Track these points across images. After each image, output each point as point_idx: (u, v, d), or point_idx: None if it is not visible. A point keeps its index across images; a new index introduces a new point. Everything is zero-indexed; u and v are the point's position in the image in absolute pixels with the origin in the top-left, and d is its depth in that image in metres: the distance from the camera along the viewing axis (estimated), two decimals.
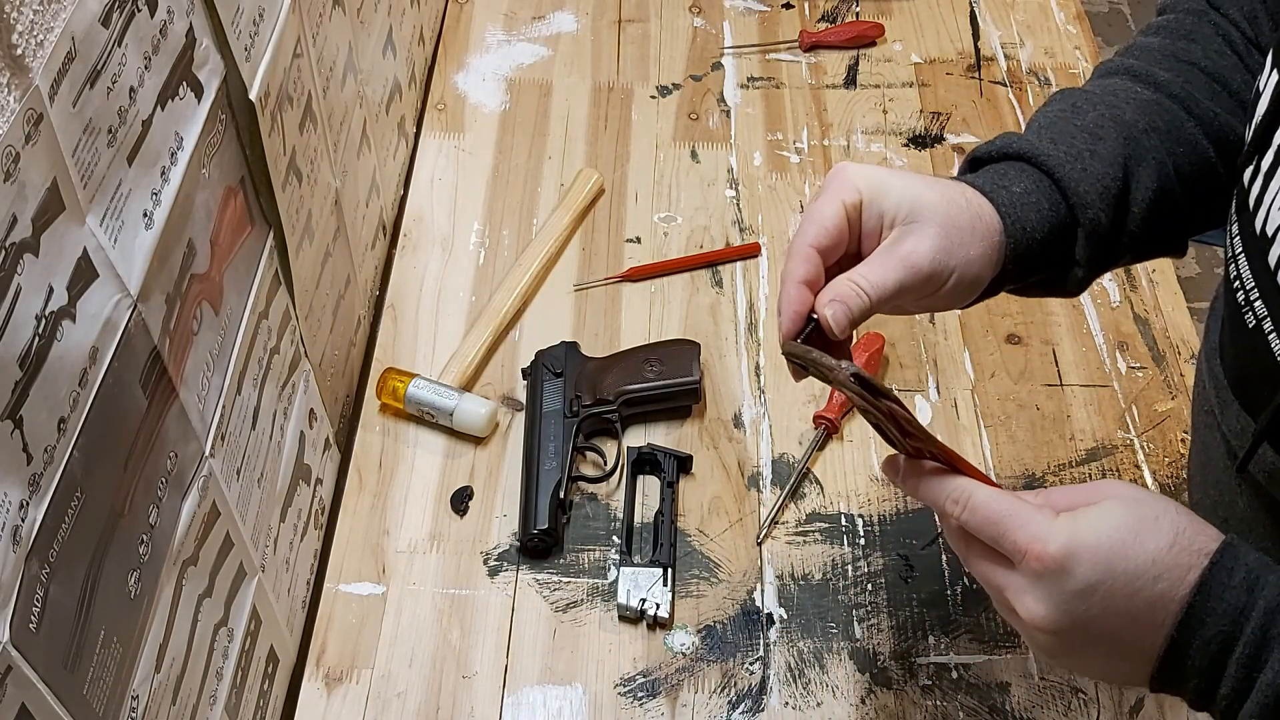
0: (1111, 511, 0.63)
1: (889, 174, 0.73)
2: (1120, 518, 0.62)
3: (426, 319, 1.17)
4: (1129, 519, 0.62)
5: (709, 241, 1.24)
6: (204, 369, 0.77)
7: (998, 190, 0.74)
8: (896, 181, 0.72)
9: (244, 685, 0.87)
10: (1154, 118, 0.77)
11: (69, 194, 0.58)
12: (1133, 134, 0.76)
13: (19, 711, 0.55)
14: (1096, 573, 0.61)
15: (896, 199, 0.71)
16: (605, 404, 1.07)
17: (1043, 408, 1.11)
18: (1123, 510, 0.63)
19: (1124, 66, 0.81)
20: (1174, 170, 0.77)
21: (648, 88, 1.38)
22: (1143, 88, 0.79)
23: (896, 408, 0.68)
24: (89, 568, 0.61)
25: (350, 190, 1.09)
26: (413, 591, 0.99)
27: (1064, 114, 0.78)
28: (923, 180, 0.73)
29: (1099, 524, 0.62)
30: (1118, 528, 0.62)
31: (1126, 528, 0.62)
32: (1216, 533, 0.63)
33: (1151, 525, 0.62)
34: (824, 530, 1.03)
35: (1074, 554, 0.61)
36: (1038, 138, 0.76)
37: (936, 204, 0.71)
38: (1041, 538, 0.62)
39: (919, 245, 0.70)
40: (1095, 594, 0.61)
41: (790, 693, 0.94)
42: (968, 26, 1.46)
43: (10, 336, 0.54)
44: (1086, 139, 0.75)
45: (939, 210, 0.71)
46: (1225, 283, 0.73)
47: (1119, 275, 1.21)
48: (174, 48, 0.70)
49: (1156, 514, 0.62)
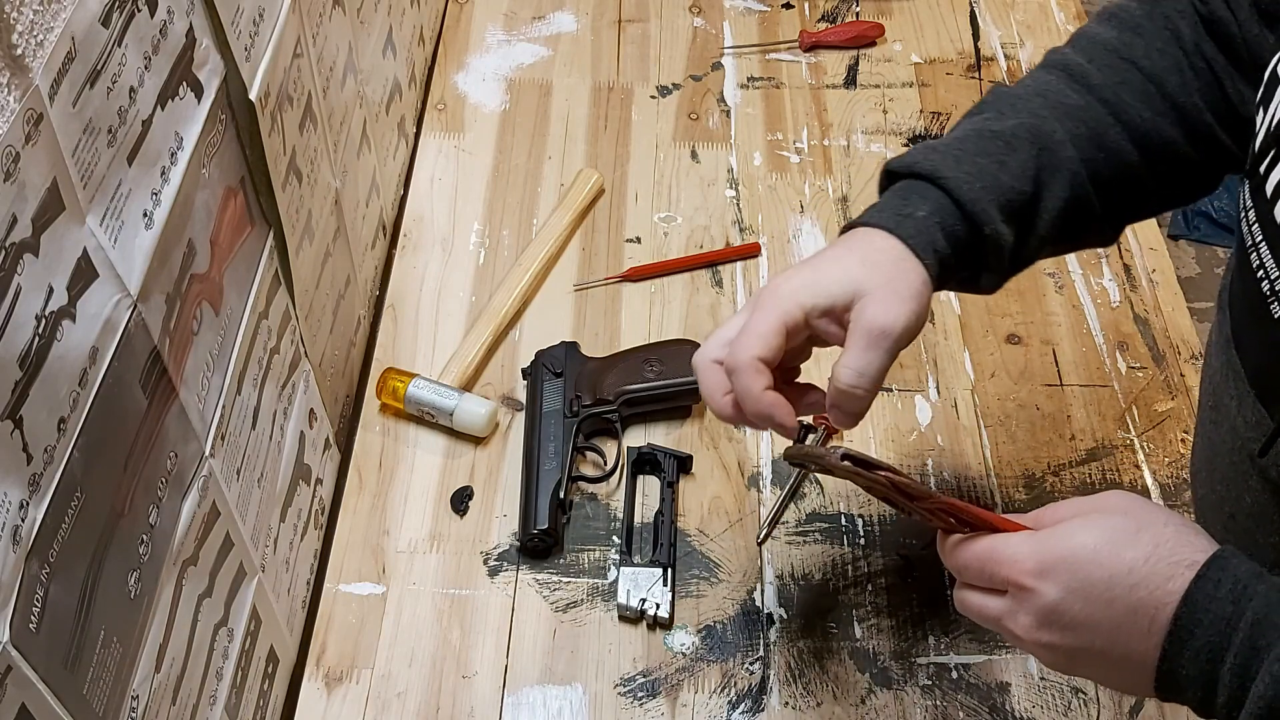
0: (1090, 524, 0.65)
1: (814, 273, 0.77)
2: (1097, 529, 0.64)
3: (426, 319, 1.17)
4: (1106, 530, 0.64)
5: (709, 241, 1.24)
6: (204, 369, 0.77)
7: (902, 222, 0.78)
8: (826, 274, 0.77)
9: (244, 685, 0.87)
10: (1077, 124, 0.80)
11: (69, 194, 0.58)
12: (1049, 144, 0.79)
13: (19, 711, 0.55)
14: (1071, 581, 0.63)
15: (835, 292, 0.76)
16: (605, 404, 1.07)
17: (1043, 408, 1.11)
18: (1103, 522, 0.64)
19: (1063, 62, 0.84)
20: (1091, 176, 0.80)
21: (648, 88, 1.38)
22: (1074, 90, 0.82)
23: (894, 476, 0.71)
24: (89, 568, 0.61)
25: (350, 190, 1.09)
26: (413, 591, 0.99)
27: (984, 121, 0.82)
28: (839, 261, 0.77)
29: (1072, 536, 0.64)
30: (1092, 538, 0.64)
31: (1102, 538, 0.63)
32: (1208, 544, 0.64)
33: (1131, 537, 0.63)
34: (824, 530, 1.03)
35: (1047, 568, 0.64)
36: (944, 156, 0.79)
37: (868, 275, 0.76)
38: (1018, 560, 0.65)
39: (877, 314, 0.75)
40: (1073, 603, 0.63)
41: (790, 693, 0.94)
42: (968, 26, 1.46)
43: (10, 336, 0.54)
44: (999, 148, 0.79)
45: (872, 279, 0.76)
46: (1240, 274, 0.73)
47: (1119, 275, 1.21)
48: (174, 48, 0.70)
49: (1140, 525, 0.64)
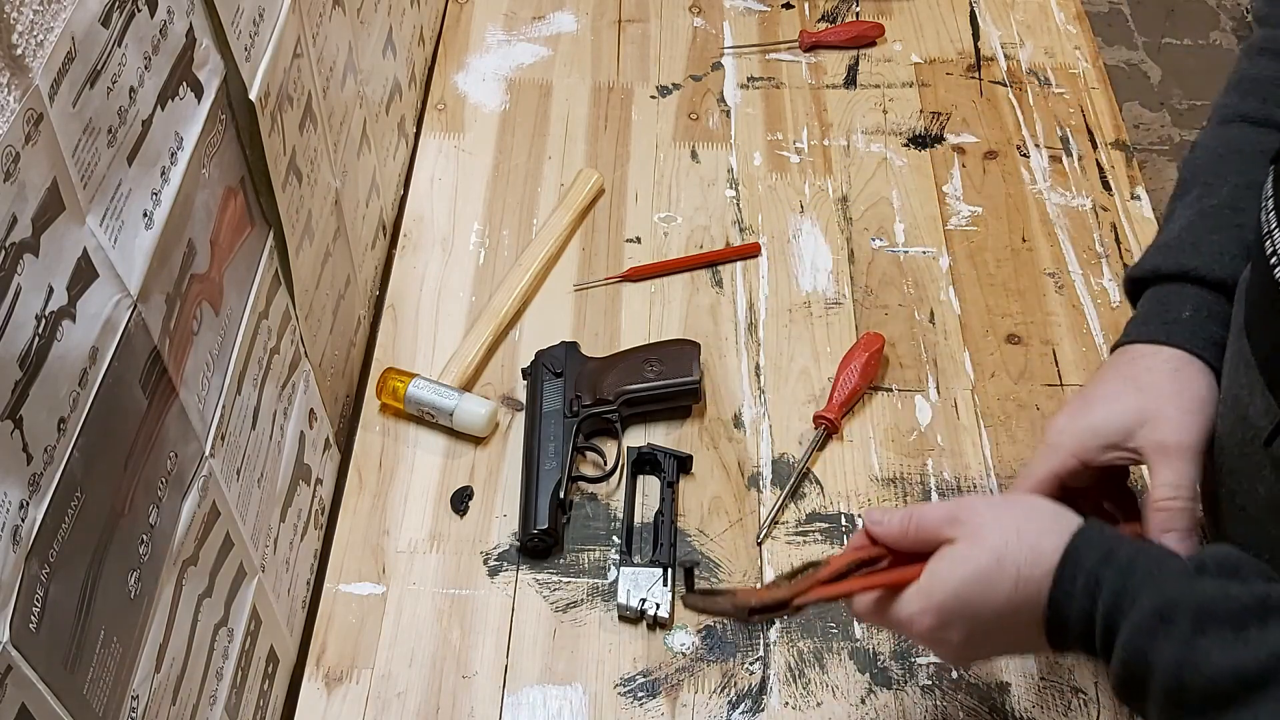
0: (958, 568, 0.71)
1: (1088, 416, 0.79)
2: (968, 569, 0.71)
3: (426, 319, 1.17)
4: (977, 569, 0.70)
5: (709, 241, 1.24)
6: (204, 369, 0.77)
7: (1171, 330, 0.80)
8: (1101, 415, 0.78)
9: (244, 685, 0.87)
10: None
11: (69, 194, 0.58)
12: None
13: (19, 711, 0.55)
14: (965, 625, 0.71)
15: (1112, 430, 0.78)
16: (605, 404, 1.07)
17: (1043, 408, 1.11)
18: (968, 565, 0.71)
19: (1239, 112, 0.84)
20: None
21: (648, 88, 1.38)
22: (1262, 133, 0.82)
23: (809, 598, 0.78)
24: (89, 568, 0.61)
25: (350, 190, 1.09)
26: (413, 591, 0.99)
27: (1199, 201, 0.82)
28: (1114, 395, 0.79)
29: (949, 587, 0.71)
30: (967, 587, 0.70)
31: (977, 576, 0.70)
32: (1057, 540, 0.69)
33: (996, 570, 0.69)
34: (824, 530, 1.03)
35: (943, 623, 0.72)
36: (1181, 250, 0.81)
37: (1145, 402, 0.77)
38: (916, 622, 0.73)
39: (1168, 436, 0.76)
40: (971, 639, 0.72)
41: (790, 693, 0.94)
42: (968, 26, 1.46)
43: (10, 336, 0.54)
44: (1228, 217, 0.80)
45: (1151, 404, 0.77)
46: (1254, 262, 0.74)
47: (1119, 275, 1.21)
48: (174, 48, 0.70)
49: (999, 556, 0.69)
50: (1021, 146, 1.32)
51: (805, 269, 1.21)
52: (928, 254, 1.22)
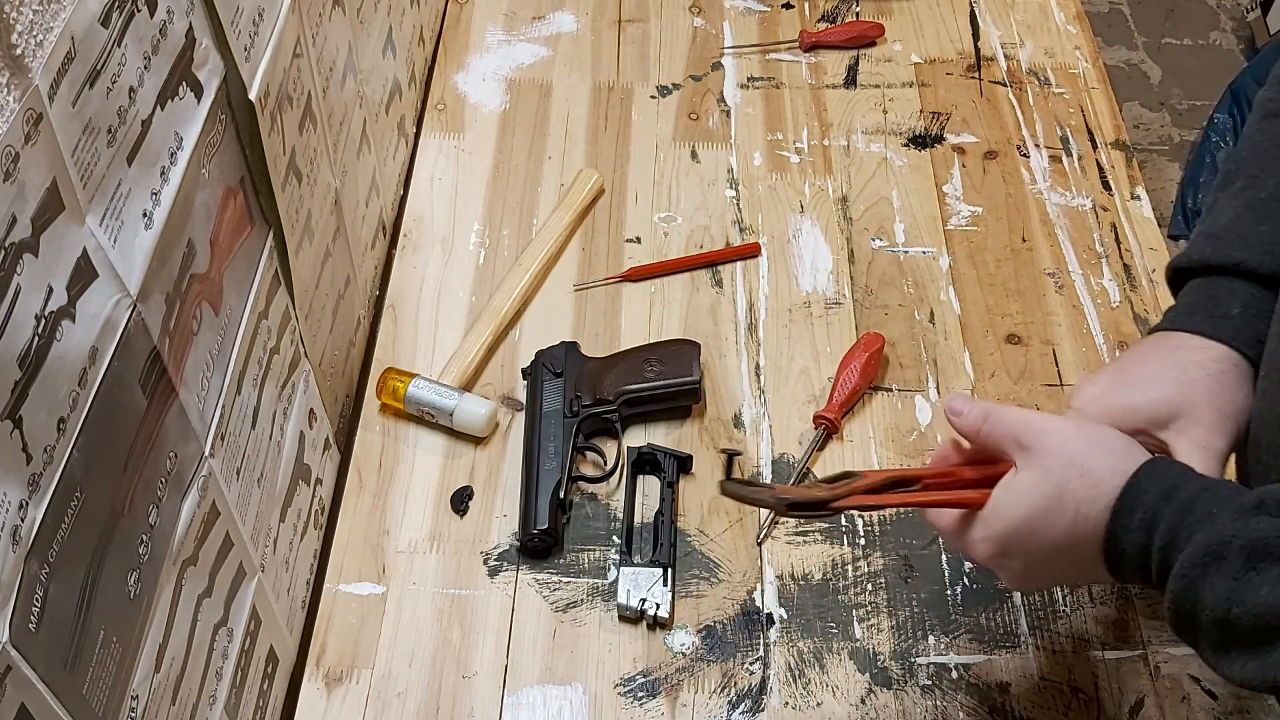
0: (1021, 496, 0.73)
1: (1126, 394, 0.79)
2: (1028, 503, 0.72)
3: (426, 319, 1.17)
4: (1036, 503, 0.72)
5: (709, 241, 1.24)
6: (204, 369, 0.77)
7: (1219, 324, 0.79)
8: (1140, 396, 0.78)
9: (244, 685, 0.87)
10: None
11: (69, 194, 0.58)
12: None
13: (19, 711, 0.55)
14: (1024, 555, 0.74)
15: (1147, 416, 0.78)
16: (605, 404, 1.07)
17: (1043, 408, 1.11)
18: (1024, 500, 0.73)
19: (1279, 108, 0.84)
20: None
21: (648, 88, 1.38)
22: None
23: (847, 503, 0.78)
24: (89, 568, 0.61)
25: (350, 190, 1.09)
26: (413, 591, 0.99)
27: (1243, 193, 0.82)
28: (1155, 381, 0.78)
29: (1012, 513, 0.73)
30: (1028, 515, 0.72)
31: (1036, 512, 0.72)
32: (1120, 475, 0.70)
33: (1056, 505, 0.71)
34: (824, 530, 1.03)
35: (1003, 551, 0.74)
36: (1229, 242, 0.80)
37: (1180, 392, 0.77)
38: (978, 547, 0.76)
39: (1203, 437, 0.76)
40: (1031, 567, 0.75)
41: (790, 693, 0.94)
42: (968, 26, 1.46)
43: (10, 336, 0.54)
44: (1275, 208, 0.80)
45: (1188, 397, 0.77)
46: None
47: (1119, 275, 1.21)
48: (174, 48, 0.70)
49: (1060, 490, 0.71)
50: (1021, 146, 1.32)
51: (805, 269, 1.21)
52: (928, 254, 1.22)
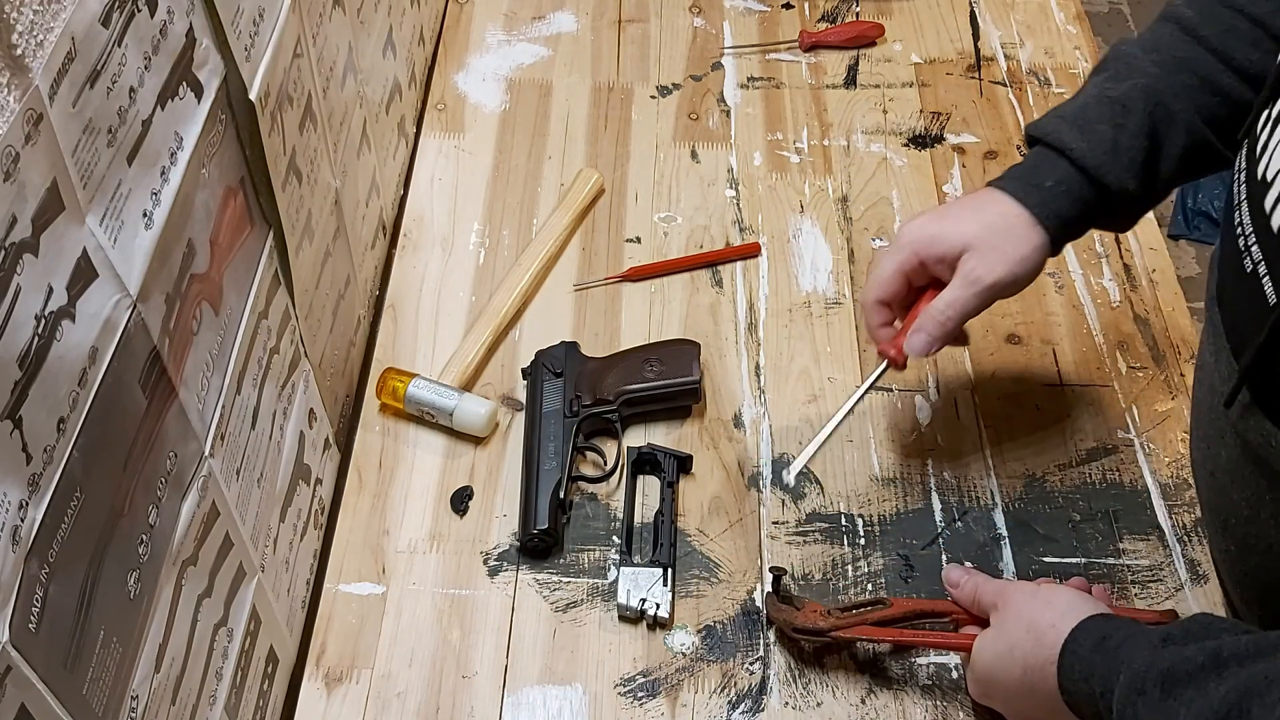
0: (983, 648, 0.86)
1: (937, 225, 0.92)
2: (989, 654, 0.85)
3: (426, 319, 1.17)
4: (993, 655, 0.85)
5: (709, 241, 1.24)
6: (204, 369, 0.77)
7: (1029, 191, 0.91)
8: (945, 228, 0.92)
9: (244, 685, 0.87)
10: (1189, 75, 0.89)
11: (69, 194, 0.58)
12: (1162, 99, 0.89)
13: (19, 711, 0.55)
14: (999, 695, 0.87)
15: (947, 245, 0.91)
16: (605, 404, 1.07)
17: (1043, 408, 1.11)
18: (988, 649, 0.86)
19: (1176, 15, 0.92)
20: (1207, 120, 0.89)
21: (648, 88, 1.38)
22: (1185, 42, 0.90)
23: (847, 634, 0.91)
24: (89, 568, 0.61)
25: (350, 190, 1.09)
26: (413, 591, 0.99)
27: (1103, 85, 0.92)
28: (963, 217, 0.92)
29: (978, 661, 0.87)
30: (989, 664, 0.85)
31: (995, 661, 0.85)
32: (1059, 632, 0.79)
33: (1007, 656, 0.83)
34: (824, 530, 1.03)
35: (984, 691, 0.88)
36: (1070, 126, 0.90)
37: (979, 233, 0.90)
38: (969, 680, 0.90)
39: (977, 266, 0.90)
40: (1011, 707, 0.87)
41: (790, 693, 0.93)
42: (968, 26, 1.46)
43: (10, 336, 0.54)
44: (1118, 112, 0.89)
45: (982, 237, 0.90)
46: (1225, 232, 0.78)
47: (1119, 275, 1.21)
48: (174, 48, 0.70)
49: (1011, 644, 0.83)
50: (1021, 147, 1.32)
51: (805, 269, 1.21)
52: None
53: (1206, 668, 0.68)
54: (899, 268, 0.93)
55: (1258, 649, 0.67)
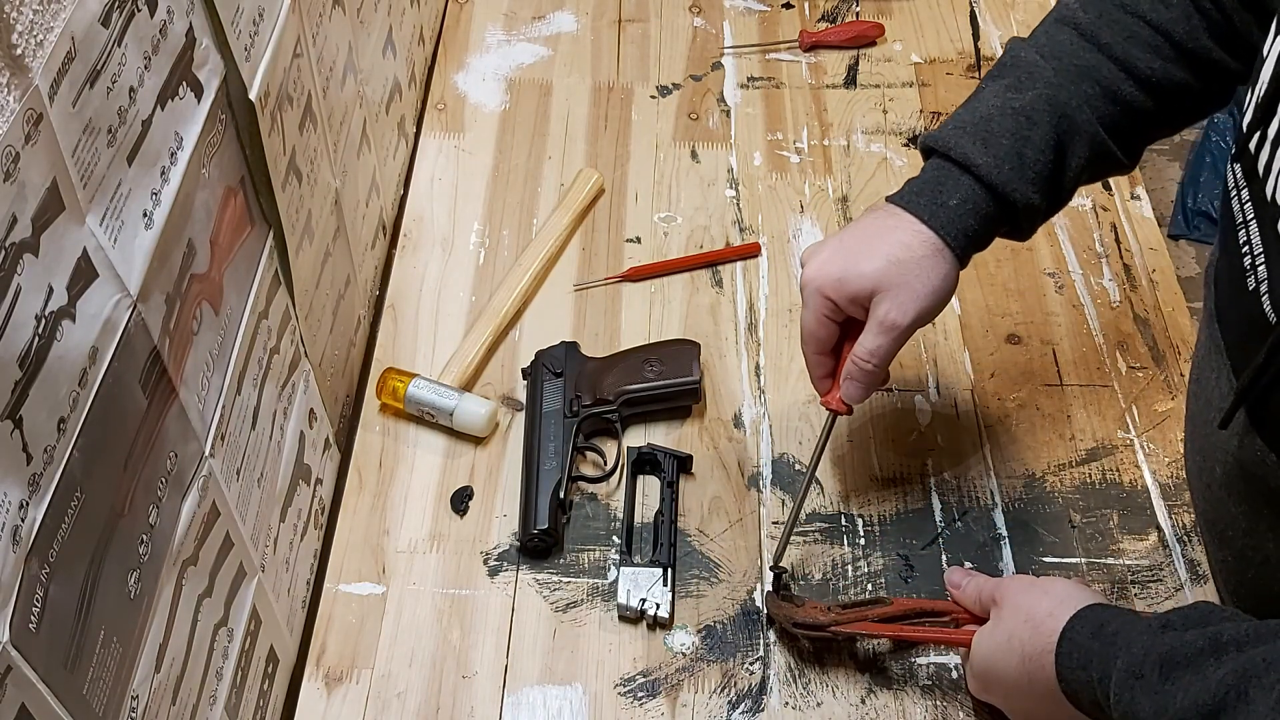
0: (981, 642, 0.86)
1: (840, 266, 0.88)
2: (987, 647, 0.85)
3: (426, 319, 1.17)
4: (992, 647, 0.85)
5: (709, 241, 1.24)
6: (204, 369, 0.77)
7: (934, 212, 0.87)
8: (849, 269, 0.88)
9: (244, 685, 0.87)
10: (1091, 84, 0.88)
11: (69, 194, 0.58)
12: (1066, 111, 0.87)
13: (19, 711, 0.55)
14: (998, 689, 0.87)
15: (855, 286, 0.87)
16: (605, 404, 1.07)
17: (1043, 408, 1.11)
18: (986, 643, 0.86)
19: (1074, 20, 0.90)
20: (1109, 130, 0.88)
21: (648, 88, 1.38)
22: (1085, 48, 0.88)
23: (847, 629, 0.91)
24: (89, 568, 0.61)
25: (350, 190, 1.09)
26: (413, 591, 0.99)
27: (1005, 94, 0.88)
28: (867, 252, 0.88)
29: (977, 655, 0.87)
30: (988, 657, 0.85)
31: (993, 653, 0.85)
32: (1058, 620, 0.79)
33: (1005, 647, 0.83)
34: (824, 530, 1.03)
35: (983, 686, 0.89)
36: (973, 140, 0.87)
37: (886, 270, 0.87)
38: (969, 677, 0.91)
39: (891, 309, 0.87)
40: (1011, 701, 0.87)
41: (790, 693, 0.94)
42: (968, 26, 1.46)
43: (10, 336, 0.54)
44: (1022, 124, 0.87)
45: (890, 276, 0.87)
46: (1225, 250, 0.78)
47: (1119, 275, 1.21)
48: (174, 48, 0.70)
49: (1009, 635, 0.83)
50: None
51: None
52: None
53: (1205, 652, 0.68)
54: (819, 316, 0.90)
55: (1257, 635, 0.67)
